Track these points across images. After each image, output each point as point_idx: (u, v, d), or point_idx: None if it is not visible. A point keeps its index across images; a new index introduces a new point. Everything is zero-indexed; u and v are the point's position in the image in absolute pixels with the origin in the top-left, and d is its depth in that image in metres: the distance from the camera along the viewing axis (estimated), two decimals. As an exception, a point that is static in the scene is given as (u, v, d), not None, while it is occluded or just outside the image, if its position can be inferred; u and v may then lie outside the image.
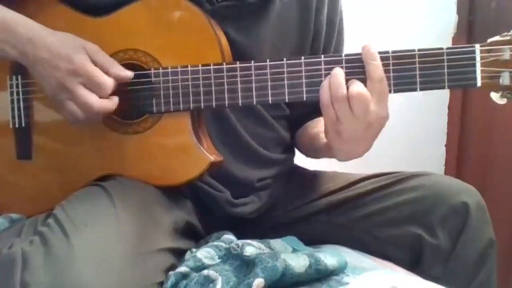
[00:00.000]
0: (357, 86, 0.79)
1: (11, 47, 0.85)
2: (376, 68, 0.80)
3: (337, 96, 0.80)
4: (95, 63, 0.84)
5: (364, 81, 0.81)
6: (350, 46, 1.13)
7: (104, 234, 0.73)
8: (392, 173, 1.02)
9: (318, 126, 1.05)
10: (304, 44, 1.02)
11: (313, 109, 1.07)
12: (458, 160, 1.98)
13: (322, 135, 0.91)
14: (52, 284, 0.66)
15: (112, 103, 0.85)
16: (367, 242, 0.99)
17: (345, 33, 1.11)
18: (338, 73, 0.81)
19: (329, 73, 0.83)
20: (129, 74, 0.86)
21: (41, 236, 0.72)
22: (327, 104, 0.81)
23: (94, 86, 0.83)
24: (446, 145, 2.02)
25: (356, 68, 0.82)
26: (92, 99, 0.83)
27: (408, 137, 1.95)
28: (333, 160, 1.18)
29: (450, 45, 1.86)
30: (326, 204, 1.03)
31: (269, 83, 0.85)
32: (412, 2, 1.94)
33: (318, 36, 1.04)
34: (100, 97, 0.84)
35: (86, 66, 0.83)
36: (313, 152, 1.08)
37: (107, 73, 0.84)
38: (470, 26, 1.91)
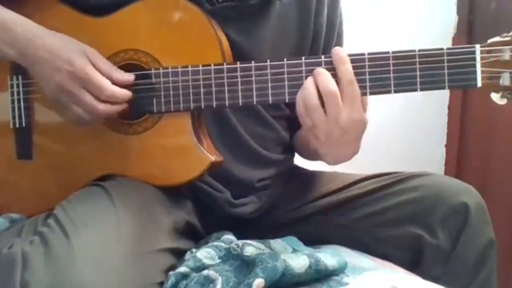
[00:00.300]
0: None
1: (10, 47, 0.85)
2: (345, 72, 0.80)
3: (311, 106, 0.80)
4: (95, 67, 0.84)
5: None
6: (350, 46, 1.13)
7: (104, 234, 0.73)
8: (392, 173, 1.02)
9: None
10: (304, 45, 1.02)
11: None
12: (458, 160, 1.98)
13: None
14: (52, 284, 0.66)
15: (118, 108, 0.86)
16: (367, 242, 0.99)
17: (346, 33, 1.11)
18: (309, 86, 0.81)
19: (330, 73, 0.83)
20: (130, 77, 0.86)
21: (41, 236, 0.72)
22: (301, 114, 0.82)
23: (94, 89, 0.83)
24: (446, 145, 2.02)
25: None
26: (95, 102, 0.84)
27: (408, 137, 1.95)
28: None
29: (450, 45, 1.87)
30: (326, 204, 1.03)
31: (269, 83, 0.85)
32: (412, 2, 1.94)
33: (317, 37, 1.04)
34: (101, 100, 0.84)
35: (87, 69, 0.83)
36: (309, 155, 1.09)
37: (109, 77, 0.84)
38: (470, 26, 1.91)
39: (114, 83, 0.85)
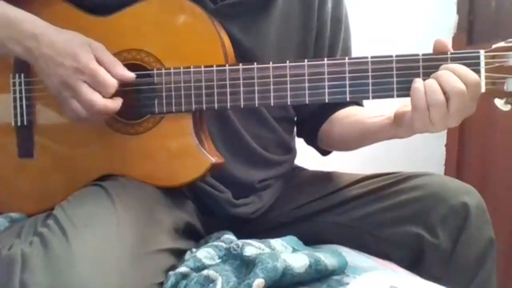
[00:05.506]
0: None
1: (16, 43, 0.85)
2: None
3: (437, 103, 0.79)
4: (99, 62, 0.84)
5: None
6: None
7: (104, 234, 0.73)
8: (392, 173, 1.02)
9: (358, 113, 1.03)
10: (308, 41, 1.02)
11: (326, 106, 1.05)
12: (458, 160, 1.98)
13: (373, 120, 0.94)
14: (52, 285, 0.66)
15: (116, 104, 0.85)
16: (367, 242, 0.99)
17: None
18: (432, 84, 0.79)
19: (332, 77, 0.83)
20: (131, 75, 0.86)
21: (40, 237, 0.72)
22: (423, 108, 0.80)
23: (97, 85, 0.83)
24: (446, 145, 2.02)
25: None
26: (95, 97, 0.83)
27: (408, 137, 1.94)
28: (333, 161, 1.18)
29: (450, 45, 1.86)
30: (326, 204, 1.03)
31: (271, 86, 0.84)
32: (412, 2, 1.94)
33: (321, 32, 1.04)
34: (103, 96, 0.84)
35: (91, 64, 0.83)
36: (359, 140, 1.04)
37: (110, 73, 0.84)
38: (470, 26, 1.91)
39: (114, 77, 0.84)
